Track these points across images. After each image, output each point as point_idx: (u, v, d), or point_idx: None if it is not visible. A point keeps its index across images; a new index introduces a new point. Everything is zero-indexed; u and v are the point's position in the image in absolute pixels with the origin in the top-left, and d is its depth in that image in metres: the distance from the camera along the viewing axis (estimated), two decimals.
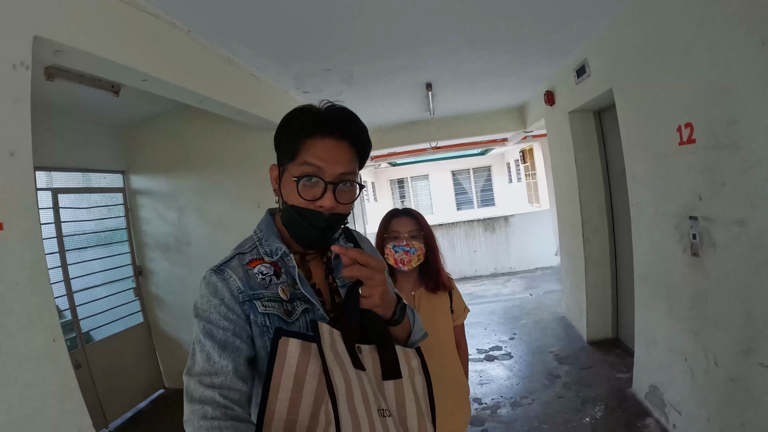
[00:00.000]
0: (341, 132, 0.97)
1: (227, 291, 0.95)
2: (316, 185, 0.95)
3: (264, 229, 1.07)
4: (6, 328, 1.42)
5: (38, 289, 1.54)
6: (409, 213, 1.90)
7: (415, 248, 1.79)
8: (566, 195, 4.65)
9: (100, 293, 3.86)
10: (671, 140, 2.46)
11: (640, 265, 3.13)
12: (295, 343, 0.89)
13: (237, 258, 1.02)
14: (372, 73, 3.88)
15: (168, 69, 2.32)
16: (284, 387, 0.86)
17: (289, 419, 0.85)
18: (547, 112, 4.88)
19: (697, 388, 2.49)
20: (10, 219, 1.46)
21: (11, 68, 1.52)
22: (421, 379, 1.03)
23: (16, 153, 1.51)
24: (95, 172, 4.08)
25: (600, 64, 3.36)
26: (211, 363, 0.89)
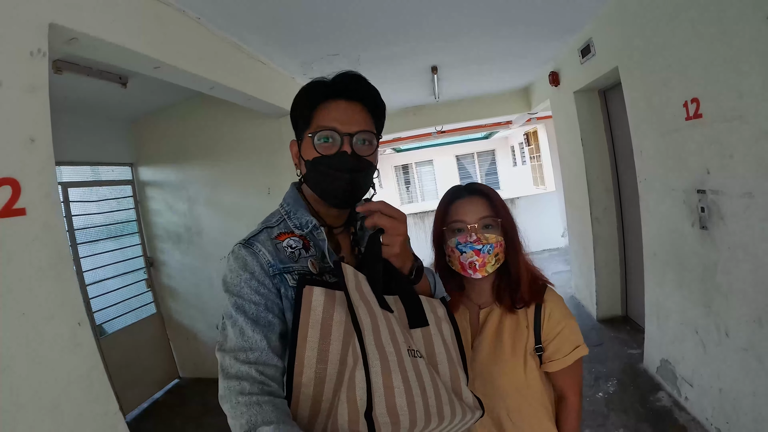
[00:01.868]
0: (350, 93, 0.99)
1: (257, 265, 0.93)
2: (332, 144, 0.96)
3: (291, 202, 1.05)
4: (31, 313, 1.44)
5: (62, 274, 1.56)
6: (476, 190, 1.26)
7: (491, 244, 1.19)
8: (573, 175, 4.65)
9: (112, 286, 3.91)
10: (678, 115, 2.45)
11: (649, 240, 3.14)
12: (319, 291, 0.88)
13: (265, 232, 1.00)
14: (379, 57, 3.87)
15: (180, 56, 2.33)
16: (311, 337, 0.86)
17: (319, 368, 0.85)
18: (552, 93, 4.86)
19: (708, 360, 2.51)
20: (32, 205, 1.48)
21: (29, 56, 1.53)
22: (449, 327, 1.04)
23: (36, 139, 1.54)
24: (104, 165, 4.11)
25: (605, 42, 3.34)
26: (245, 338, 0.87)
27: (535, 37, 3.85)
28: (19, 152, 1.48)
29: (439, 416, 0.86)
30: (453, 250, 1.21)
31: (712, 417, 2.50)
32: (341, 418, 0.80)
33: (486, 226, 1.21)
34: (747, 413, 2.21)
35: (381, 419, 0.78)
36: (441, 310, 1.05)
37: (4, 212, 1.41)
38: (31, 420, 1.41)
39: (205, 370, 4.40)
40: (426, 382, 0.88)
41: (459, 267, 1.21)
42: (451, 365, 0.98)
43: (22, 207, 1.47)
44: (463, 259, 1.19)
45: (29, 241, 1.48)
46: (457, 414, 0.90)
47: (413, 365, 0.88)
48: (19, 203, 1.46)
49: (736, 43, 1.95)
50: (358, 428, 0.78)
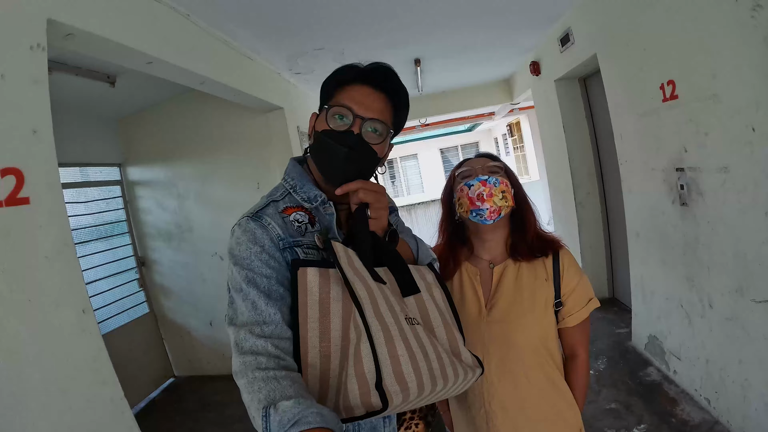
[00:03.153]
0: (378, 82, 1.01)
1: (267, 238, 0.93)
2: (345, 124, 0.98)
3: (296, 176, 1.05)
4: (37, 301, 1.47)
5: (66, 263, 1.60)
6: (483, 154, 1.33)
7: (496, 177, 1.21)
8: (556, 162, 4.75)
9: (104, 286, 3.89)
10: (655, 98, 2.56)
11: (632, 220, 3.24)
12: (313, 271, 0.89)
13: (272, 205, 0.99)
14: (362, 50, 3.91)
15: (171, 51, 2.36)
16: (312, 317, 0.87)
17: (323, 346, 0.86)
18: (533, 82, 4.96)
19: (694, 332, 2.62)
20: (36, 194, 1.51)
21: (29, 50, 1.57)
22: (439, 291, 1.06)
23: (38, 131, 1.58)
24: (92, 166, 4.09)
25: (583, 31, 3.43)
26: (258, 312, 0.86)
27: (516, 27, 3.94)
28: (22, 143, 1.52)
29: (443, 378, 0.89)
30: (462, 189, 1.23)
31: (701, 388, 2.60)
32: (352, 392, 0.81)
33: (492, 171, 1.24)
34: (734, 381, 2.31)
35: (391, 388, 0.80)
36: (430, 276, 1.08)
37: (9, 201, 1.44)
38: (41, 405, 1.43)
39: (200, 368, 4.40)
40: (427, 348, 0.90)
41: (468, 204, 1.21)
42: (447, 328, 1.00)
43: (27, 196, 1.50)
44: (471, 193, 1.20)
45: (34, 229, 1.51)
46: (459, 374, 0.93)
47: (413, 333, 0.89)
48: (23, 192, 1.49)
49: (708, 24, 2.04)
50: (370, 400, 0.79)
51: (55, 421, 1.46)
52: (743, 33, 1.83)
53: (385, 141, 1.03)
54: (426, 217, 8.81)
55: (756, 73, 1.83)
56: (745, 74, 1.89)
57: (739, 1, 1.79)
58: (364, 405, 0.80)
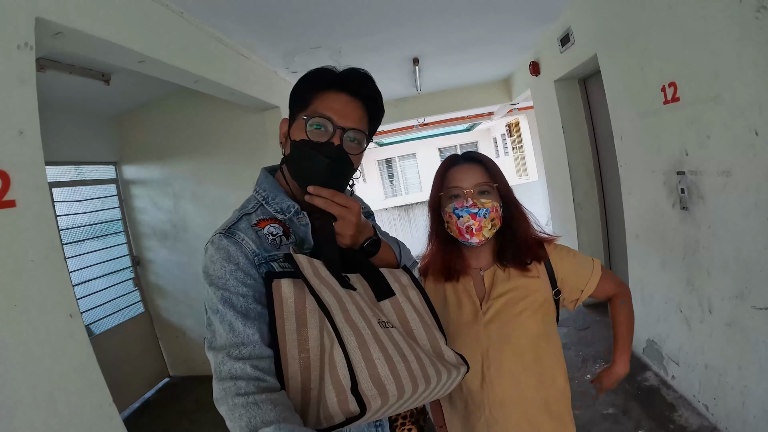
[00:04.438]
0: (354, 90, 0.99)
1: (241, 255, 0.90)
2: (324, 133, 0.96)
3: (268, 187, 1.02)
4: (23, 305, 1.45)
5: (53, 266, 1.57)
6: (472, 158, 1.28)
7: (486, 209, 1.19)
8: (555, 162, 4.72)
9: (99, 286, 3.86)
10: (656, 99, 2.52)
11: (631, 222, 3.21)
12: (287, 283, 0.88)
13: (245, 219, 0.97)
14: (360, 48, 3.89)
15: (164, 50, 2.32)
16: (289, 329, 0.86)
17: (302, 358, 0.85)
18: (532, 82, 4.92)
19: (693, 337, 2.59)
20: (22, 196, 1.48)
21: (16, 49, 1.53)
22: (416, 293, 1.04)
23: (24, 132, 1.54)
24: (87, 165, 4.05)
25: (583, 30, 3.40)
26: (236, 333, 0.85)
27: (514, 25, 3.90)
28: (8, 144, 1.48)
29: (425, 379, 0.87)
30: (450, 216, 1.22)
31: (700, 394, 2.57)
32: (330, 401, 0.80)
33: (482, 192, 1.22)
34: (733, 387, 2.28)
35: (368, 392, 0.78)
36: (405, 278, 1.06)
37: None
38: (27, 412, 1.40)
39: (196, 368, 4.38)
40: (404, 350, 0.88)
41: (456, 232, 1.22)
42: (427, 329, 0.99)
43: (12, 199, 1.46)
44: (460, 224, 1.20)
45: (20, 232, 1.48)
46: (442, 375, 0.91)
47: (387, 336, 0.88)
48: (8, 195, 1.46)
49: (711, 24, 2.01)
50: (348, 406, 0.78)
51: (41, 428, 1.43)
52: (747, 33, 1.80)
53: (363, 150, 1.02)
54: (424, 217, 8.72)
55: (759, 74, 1.79)
56: (748, 75, 1.85)
57: (744, 1, 1.75)
58: (342, 412, 0.79)
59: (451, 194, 1.23)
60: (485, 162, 1.27)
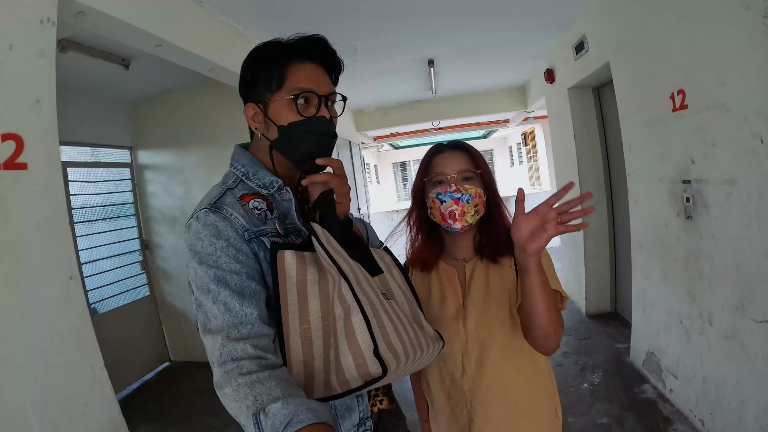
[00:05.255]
0: (315, 56, 0.98)
1: (231, 230, 0.88)
2: (310, 105, 0.96)
3: (247, 163, 1.00)
4: (26, 266, 1.50)
5: (58, 229, 1.62)
6: (458, 146, 1.28)
7: (470, 194, 1.19)
8: (565, 171, 4.71)
9: (107, 266, 3.94)
10: (665, 107, 2.51)
11: (636, 231, 3.19)
12: (290, 254, 0.88)
13: (229, 194, 0.94)
14: (376, 47, 3.93)
15: (181, 36, 2.39)
16: (291, 300, 0.86)
17: (303, 329, 0.85)
18: (547, 90, 4.92)
19: (692, 350, 2.56)
20: (33, 161, 1.54)
21: (38, 24, 1.61)
22: (398, 272, 1.08)
23: (41, 101, 1.60)
24: (103, 147, 4.14)
25: (597, 38, 3.40)
26: (233, 314, 0.83)
27: (529, 31, 3.92)
28: (24, 111, 1.55)
29: (419, 348, 0.92)
30: (434, 201, 1.22)
31: (696, 408, 2.53)
32: (346, 366, 0.81)
33: (466, 178, 1.22)
34: (730, 401, 2.25)
35: (385, 355, 0.81)
36: (387, 257, 1.09)
37: (7, 165, 1.47)
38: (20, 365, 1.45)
39: (196, 355, 4.42)
40: (402, 320, 0.93)
41: (440, 217, 1.22)
42: (411, 305, 1.03)
43: (24, 162, 1.52)
44: (443, 209, 1.20)
45: (29, 194, 1.53)
46: (429, 346, 0.96)
47: (390, 307, 0.92)
48: (21, 158, 1.52)
49: (718, 31, 2.01)
50: (368, 369, 0.81)
51: (31, 381, 1.48)
52: (754, 40, 1.80)
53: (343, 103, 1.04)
54: None
55: (765, 81, 1.79)
56: (753, 82, 1.85)
57: (752, 8, 1.75)
58: (361, 376, 0.81)
59: (435, 180, 1.23)
60: (469, 150, 1.27)
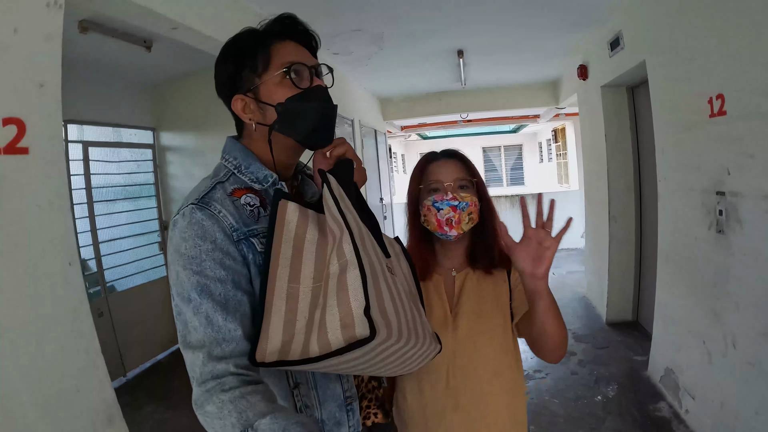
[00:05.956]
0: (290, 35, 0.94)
1: (219, 230, 0.81)
2: (302, 77, 0.91)
3: (239, 155, 0.94)
4: (25, 248, 1.49)
5: (59, 214, 1.61)
6: (452, 155, 1.28)
7: (466, 202, 1.19)
8: (594, 172, 4.55)
9: (126, 245, 4.00)
10: (702, 112, 2.35)
11: (663, 242, 3.04)
12: (293, 207, 0.83)
13: (219, 188, 0.87)
14: (403, 35, 3.84)
15: (198, 18, 2.35)
16: (284, 254, 0.80)
17: (290, 287, 0.79)
18: (580, 87, 4.74)
19: (713, 372, 2.42)
20: (35, 145, 1.52)
21: (45, 7, 1.58)
22: (405, 263, 1.03)
23: (45, 85, 1.58)
24: (126, 128, 4.18)
25: (634, 34, 3.23)
26: (216, 328, 0.77)
27: (563, 25, 3.77)
28: (27, 95, 1.52)
29: (415, 333, 0.83)
30: (429, 209, 1.20)
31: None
32: (330, 326, 0.73)
33: (461, 186, 1.22)
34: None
35: (377, 319, 0.72)
36: (397, 246, 1.03)
37: (7, 149, 1.46)
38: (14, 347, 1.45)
39: None
40: (402, 298, 0.85)
41: (435, 225, 1.20)
42: (413, 298, 0.95)
43: (26, 146, 1.51)
44: (440, 216, 1.19)
45: (30, 178, 1.52)
46: (427, 338, 0.87)
47: (392, 280, 0.85)
48: (23, 142, 1.50)
49: (762, 34, 1.85)
50: (355, 331, 0.71)
51: (25, 364, 1.47)
52: None
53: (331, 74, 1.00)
54: None
55: None
56: None
57: None
58: (345, 337, 0.71)
59: (431, 188, 1.23)
60: (463, 158, 1.28)
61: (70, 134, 3.48)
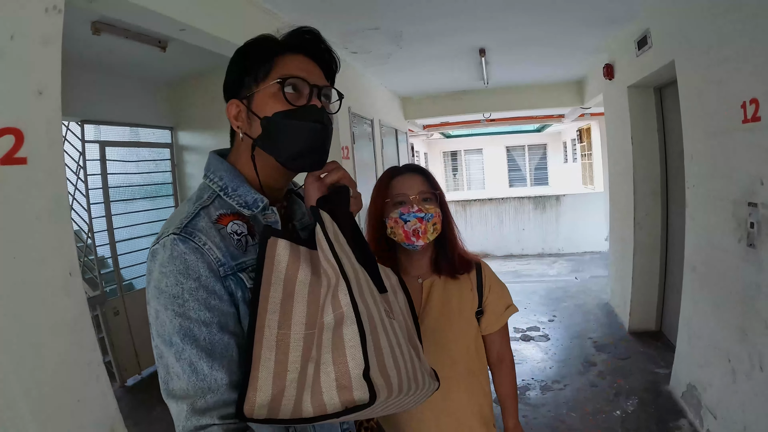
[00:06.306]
0: (307, 50, 0.88)
1: (203, 265, 0.73)
2: (301, 95, 0.83)
3: (226, 175, 0.85)
4: (24, 259, 1.47)
5: (58, 224, 1.59)
6: (416, 169, 1.36)
7: (431, 213, 1.26)
8: (620, 175, 4.38)
9: (143, 244, 4.02)
10: (734, 117, 2.20)
11: (690, 252, 2.88)
12: (283, 244, 0.76)
13: (204, 215, 0.79)
14: (422, 34, 3.75)
15: (207, 20, 2.32)
16: (274, 297, 0.73)
17: (281, 333, 0.72)
18: (605, 86, 4.56)
19: (737, 392, 2.29)
20: (34, 154, 1.50)
21: (43, 11, 1.55)
22: (402, 296, 0.98)
23: (44, 92, 1.55)
24: (144, 127, 4.21)
25: (662, 33, 3.07)
26: (201, 377, 0.71)
27: (588, 22, 3.63)
28: (25, 104, 1.50)
29: (415, 382, 0.77)
30: (396, 221, 1.27)
31: None
32: (326, 384, 0.66)
33: (425, 199, 1.30)
34: None
35: (377, 381, 0.66)
36: (393, 278, 0.99)
37: (4, 160, 1.43)
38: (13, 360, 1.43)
39: None
40: (402, 345, 0.79)
41: (402, 236, 1.27)
42: (411, 333, 0.91)
43: (24, 156, 1.48)
44: (407, 228, 1.26)
45: (28, 189, 1.50)
46: (426, 381, 0.82)
47: (391, 326, 0.78)
48: (21, 152, 1.48)
49: None
50: (353, 395, 0.64)
51: (26, 377, 1.46)
52: None
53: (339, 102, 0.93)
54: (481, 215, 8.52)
55: None
56: None
57: None
58: (342, 401, 0.65)
59: (397, 201, 1.29)
60: (425, 173, 1.36)
61: (87, 134, 3.52)
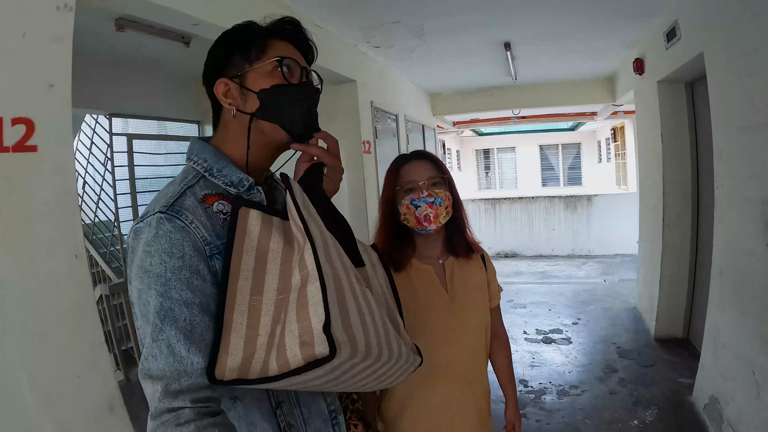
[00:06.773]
0: (291, 38, 0.93)
1: (189, 244, 0.74)
2: (293, 75, 0.88)
3: (210, 157, 0.86)
4: (31, 245, 1.53)
5: (65, 211, 1.65)
6: (423, 155, 1.40)
7: (441, 198, 1.30)
8: (650, 175, 4.22)
9: None
10: (763, 114, 2.08)
11: (718, 255, 2.73)
12: (255, 215, 0.77)
13: (190, 194, 0.79)
14: (445, 27, 3.71)
15: (220, 14, 2.33)
16: (246, 265, 0.74)
17: (253, 299, 0.73)
18: (636, 82, 4.40)
19: (760, 407, 2.16)
20: (44, 143, 1.57)
21: (54, 9, 1.61)
22: (382, 272, 1.00)
23: (55, 85, 1.62)
24: (171, 121, 4.33)
25: (691, 24, 2.93)
26: (178, 359, 0.70)
27: (616, 15, 3.49)
28: (36, 96, 1.57)
29: (388, 349, 0.77)
30: (408, 207, 1.31)
31: None
32: (289, 343, 0.66)
33: (434, 183, 1.33)
34: None
35: (339, 336, 0.66)
36: (374, 255, 1.01)
37: (16, 147, 1.51)
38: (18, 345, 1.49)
39: None
40: (374, 311, 0.78)
41: (415, 222, 1.31)
42: (389, 309, 0.92)
43: (35, 144, 1.55)
44: (418, 213, 1.30)
45: (37, 176, 1.57)
46: (403, 354, 0.82)
47: (361, 291, 0.78)
48: (31, 141, 1.54)
49: None
50: (314, 350, 0.64)
51: (30, 362, 1.52)
52: None
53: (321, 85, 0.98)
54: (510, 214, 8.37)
55: None
56: None
57: None
58: (304, 355, 0.65)
59: (407, 188, 1.33)
60: (433, 158, 1.40)
61: (115, 127, 3.65)
